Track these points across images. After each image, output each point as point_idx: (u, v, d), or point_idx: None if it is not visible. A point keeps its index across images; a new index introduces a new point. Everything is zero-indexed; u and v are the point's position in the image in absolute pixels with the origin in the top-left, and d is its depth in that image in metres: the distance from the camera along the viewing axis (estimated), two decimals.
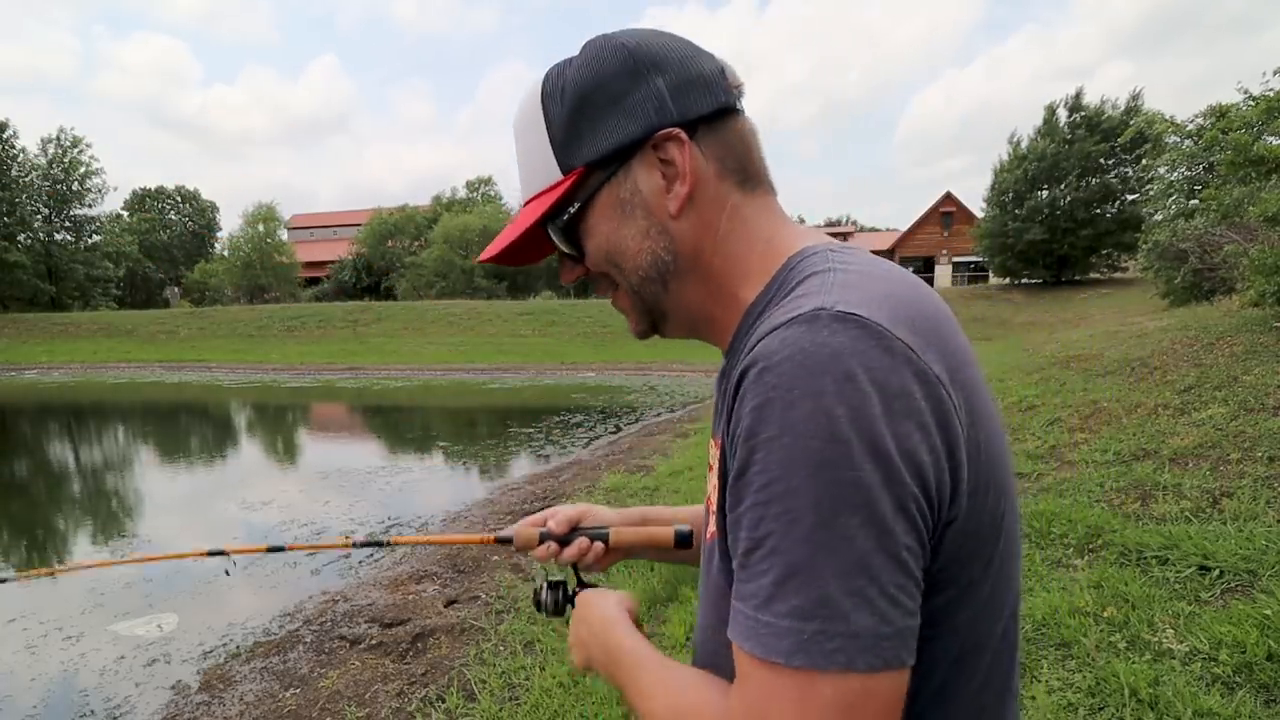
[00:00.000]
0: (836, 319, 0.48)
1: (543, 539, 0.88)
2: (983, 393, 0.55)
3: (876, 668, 0.45)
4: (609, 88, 0.58)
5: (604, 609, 0.73)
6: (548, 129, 0.61)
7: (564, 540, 0.88)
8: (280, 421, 15.40)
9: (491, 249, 0.67)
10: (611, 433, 11.16)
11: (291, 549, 1.12)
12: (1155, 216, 15.98)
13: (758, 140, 0.63)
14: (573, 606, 0.81)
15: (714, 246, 0.61)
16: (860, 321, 0.47)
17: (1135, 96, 26.54)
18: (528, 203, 0.65)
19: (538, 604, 0.87)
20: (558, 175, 0.61)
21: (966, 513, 0.50)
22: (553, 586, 0.87)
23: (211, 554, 1.07)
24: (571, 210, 0.61)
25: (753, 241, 0.61)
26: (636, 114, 0.58)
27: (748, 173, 0.61)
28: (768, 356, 0.48)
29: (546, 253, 0.68)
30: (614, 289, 0.66)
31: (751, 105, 0.64)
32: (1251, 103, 7.83)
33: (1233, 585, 2.74)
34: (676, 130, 0.58)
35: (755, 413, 0.48)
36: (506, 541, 0.91)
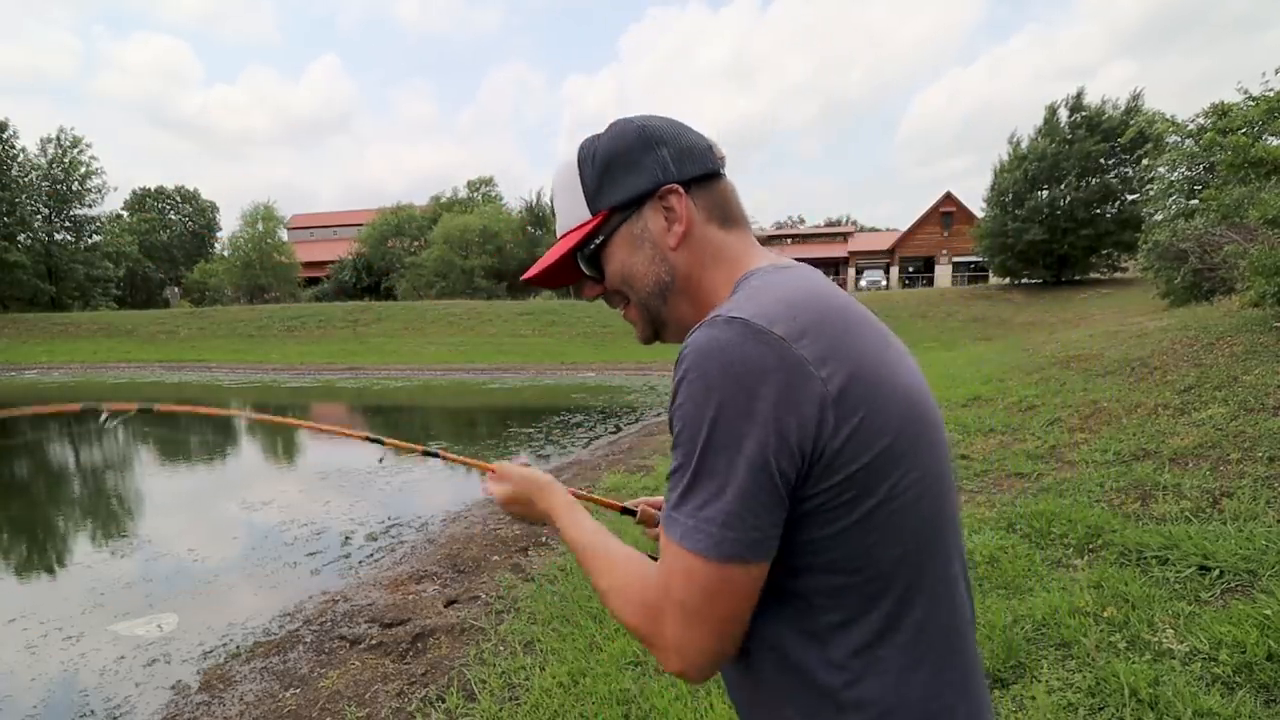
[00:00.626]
0: (726, 321, 0.68)
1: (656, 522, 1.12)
2: (897, 376, 0.71)
3: (729, 558, 0.66)
4: (628, 154, 0.81)
5: (538, 475, 1.00)
6: (582, 184, 0.83)
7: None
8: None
9: (532, 271, 0.90)
10: (611, 433, 11.16)
11: (443, 456, 1.33)
12: (1155, 216, 15.96)
13: (736, 194, 0.85)
14: None
15: (700, 272, 0.82)
16: (743, 322, 0.67)
17: (1136, 97, 26.51)
18: (562, 236, 0.86)
19: None
20: (587, 216, 0.83)
21: (834, 467, 0.66)
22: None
23: (370, 440, 1.26)
24: (597, 241, 0.83)
25: (727, 267, 0.81)
26: (647, 173, 0.80)
27: (728, 217, 0.83)
28: (685, 348, 0.70)
29: (577, 278, 0.89)
30: (626, 304, 0.87)
31: (753, 105, 0.77)
32: (1252, 103, 7.83)
33: (1233, 585, 2.74)
34: (676, 185, 0.80)
35: (675, 386, 0.70)
36: (630, 513, 1.15)
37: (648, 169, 0.80)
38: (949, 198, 43.16)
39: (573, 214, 0.84)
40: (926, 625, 0.72)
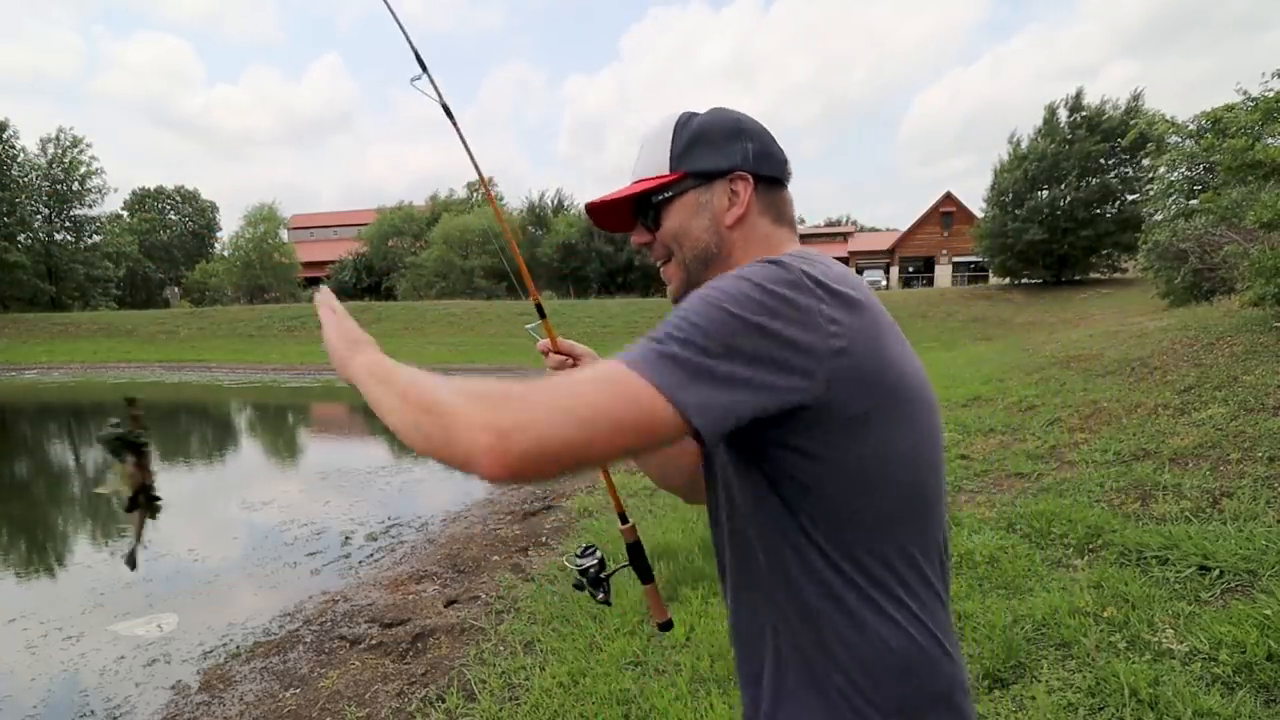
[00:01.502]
0: (766, 261, 0.76)
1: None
2: (906, 358, 0.79)
3: (663, 386, 0.66)
4: (719, 133, 0.89)
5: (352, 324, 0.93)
6: (671, 143, 0.90)
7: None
8: (280, 421, 15.41)
9: (597, 200, 0.95)
10: None
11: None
12: (1155, 216, 15.95)
13: (793, 205, 0.94)
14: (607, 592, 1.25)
15: (742, 252, 0.89)
16: (778, 260, 0.75)
17: (1135, 97, 26.50)
18: (636, 181, 0.93)
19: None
20: (665, 171, 0.90)
21: (831, 393, 0.70)
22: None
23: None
24: (666, 195, 0.91)
25: (766, 252, 0.87)
26: (729, 155, 0.89)
27: (781, 217, 0.92)
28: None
29: (628, 225, 0.98)
30: (665, 260, 0.94)
31: (756, 106, 0.77)
32: (1250, 104, 7.83)
33: (1233, 585, 2.74)
34: (747, 174, 0.88)
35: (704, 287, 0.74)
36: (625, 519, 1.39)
37: (731, 153, 0.88)
38: (949, 198, 43.14)
39: (653, 164, 0.91)
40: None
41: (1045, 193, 26.82)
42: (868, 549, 0.76)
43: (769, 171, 0.90)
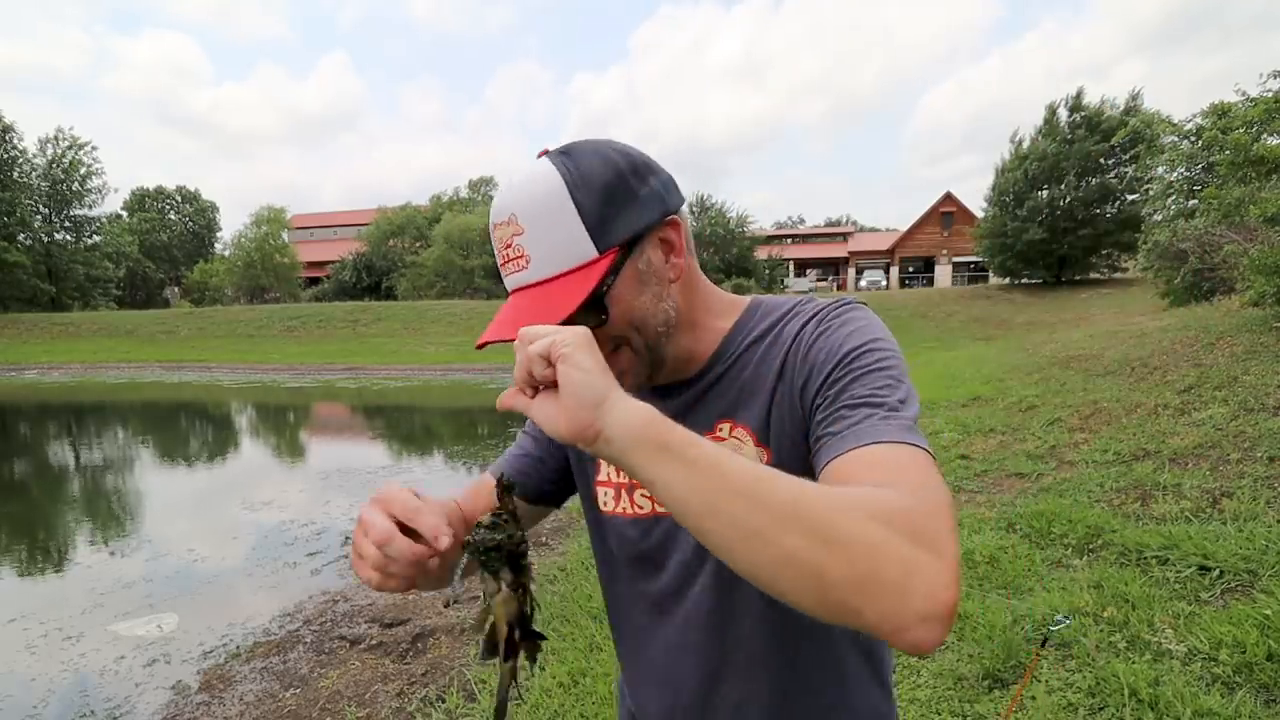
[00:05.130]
0: (848, 303, 0.76)
1: None
2: None
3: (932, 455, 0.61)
4: (627, 183, 0.72)
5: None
6: (580, 215, 0.69)
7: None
8: (281, 421, 15.41)
9: (492, 339, 0.71)
10: None
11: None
12: (1155, 217, 15.95)
13: None
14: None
15: (695, 300, 0.79)
16: (851, 302, 0.76)
17: (1135, 96, 26.51)
18: (555, 278, 0.70)
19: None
20: (594, 254, 0.70)
21: None
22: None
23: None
24: (609, 283, 0.70)
25: (715, 293, 0.83)
26: (650, 205, 0.73)
27: (693, 248, 0.81)
28: (822, 312, 0.76)
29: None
30: (615, 350, 0.74)
31: (764, 103, 0.73)
32: (1250, 104, 7.83)
33: (1233, 585, 2.74)
34: (675, 217, 0.75)
35: (853, 335, 0.71)
36: None
37: (649, 200, 0.73)
38: (949, 198, 43.15)
39: (566, 252, 0.69)
40: None
41: (1045, 192, 26.84)
42: None
43: (679, 202, 0.76)
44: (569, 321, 0.68)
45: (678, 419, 0.63)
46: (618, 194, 0.71)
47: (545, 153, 0.73)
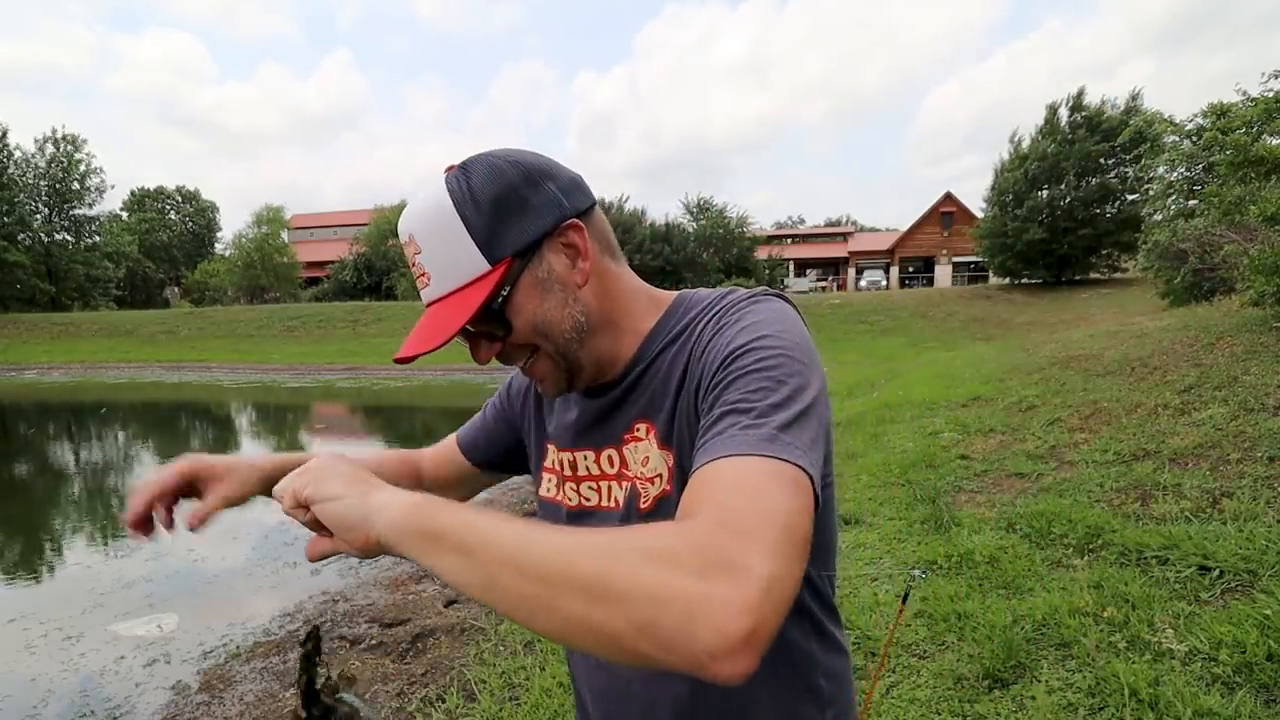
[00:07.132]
0: (773, 294, 0.76)
1: None
2: None
3: (812, 484, 0.57)
4: (517, 193, 0.72)
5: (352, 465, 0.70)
6: (469, 231, 0.70)
7: None
8: (281, 422, 15.41)
9: (424, 344, 0.71)
10: None
11: None
12: (1155, 216, 15.96)
13: (606, 221, 0.82)
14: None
15: (611, 303, 0.78)
16: (780, 294, 0.76)
17: (1135, 96, 26.52)
18: (451, 294, 0.72)
19: None
20: (485, 268, 0.71)
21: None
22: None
23: None
24: (504, 294, 0.72)
25: (636, 294, 0.81)
26: (544, 212, 0.72)
27: (612, 248, 0.80)
28: (731, 302, 0.75)
29: (453, 338, 0.72)
30: (529, 357, 0.77)
31: (768, 103, 0.73)
32: (1250, 104, 7.83)
33: (1233, 585, 2.74)
34: (575, 220, 0.74)
35: (741, 333, 0.69)
36: None
37: (542, 207, 0.72)
38: (949, 198, 43.15)
39: (459, 268, 0.71)
40: None
41: (1045, 192, 26.84)
42: (819, 572, 0.79)
43: (584, 203, 0.75)
44: (469, 334, 0.75)
45: (602, 420, 0.81)
46: (507, 205, 0.71)
47: (450, 169, 0.74)
